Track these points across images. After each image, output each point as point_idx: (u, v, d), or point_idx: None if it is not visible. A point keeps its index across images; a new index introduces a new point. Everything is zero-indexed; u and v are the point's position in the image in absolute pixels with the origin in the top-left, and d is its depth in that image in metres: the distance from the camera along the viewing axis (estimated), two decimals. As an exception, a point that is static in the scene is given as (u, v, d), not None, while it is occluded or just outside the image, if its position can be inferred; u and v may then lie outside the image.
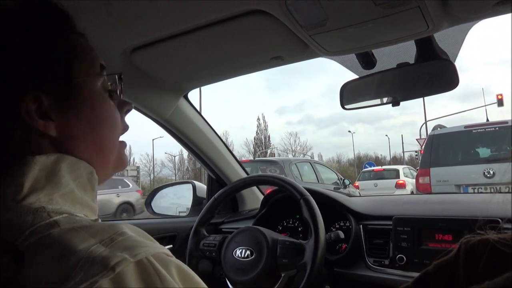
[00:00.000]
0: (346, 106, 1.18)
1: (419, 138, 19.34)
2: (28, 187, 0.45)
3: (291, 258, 1.12)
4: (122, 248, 0.39)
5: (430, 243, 1.14)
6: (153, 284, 0.38)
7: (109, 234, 0.41)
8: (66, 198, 0.48)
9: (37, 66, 0.48)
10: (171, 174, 39.99)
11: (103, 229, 0.42)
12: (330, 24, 0.87)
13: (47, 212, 0.43)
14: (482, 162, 5.64)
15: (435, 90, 1.09)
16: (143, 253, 0.39)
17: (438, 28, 0.90)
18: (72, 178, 0.49)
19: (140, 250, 0.40)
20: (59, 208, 0.45)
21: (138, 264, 0.38)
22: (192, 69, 1.23)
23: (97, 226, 0.42)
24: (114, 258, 0.37)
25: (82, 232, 0.41)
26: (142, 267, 0.39)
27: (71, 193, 0.48)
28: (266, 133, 40.54)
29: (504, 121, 5.89)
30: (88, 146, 0.52)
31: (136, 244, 0.41)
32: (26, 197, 0.44)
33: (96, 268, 0.36)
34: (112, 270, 0.36)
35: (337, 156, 51.80)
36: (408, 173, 14.54)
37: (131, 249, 0.39)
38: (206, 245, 1.29)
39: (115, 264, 0.37)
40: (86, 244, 0.39)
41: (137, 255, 0.39)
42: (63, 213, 0.44)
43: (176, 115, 1.45)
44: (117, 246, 0.39)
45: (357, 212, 1.35)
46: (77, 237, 0.40)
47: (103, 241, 0.40)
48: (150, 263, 0.39)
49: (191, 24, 0.93)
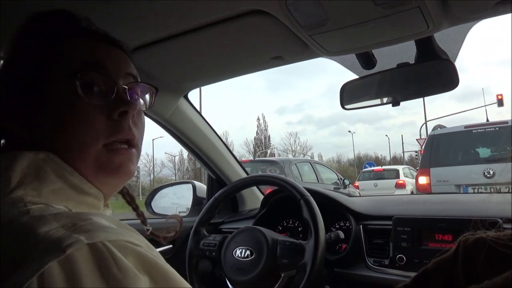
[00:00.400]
0: (346, 106, 1.17)
1: (419, 138, 19.34)
2: (15, 181, 0.46)
3: (291, 258, 1.12)
4: (81, 231, 0.38)
5: (430, 243, 1.14)
6: (108, 269, 0.36)
7: (74, 219, 0.40)
8: (58, 194, 0.48)
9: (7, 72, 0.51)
10: (171, 174, 40.01)
11: (69, 216, 0.41)
12: (330, 24, 0.87)
13: (24, 203, 0.44)
14: (482, 162, 5.64)
15: (435, 90, 1.09)
16: (101, 237, 0.38)
17: (438, 28, 0.90)
18: (60, 177, 0.49)
19: (99, 234, 0.38)
20: (39, 199, 0.45)
21: (92, 248, 0.37)
22: (192, 69, 1.23)
23: (66, 213, 0.43)
24: (67, 240, 0.36)
25: (48, 218, 0.41)
26: (96, 251, 0.37)
27: (63, 190, 0.49)
28: (266, 133, 40.57)
29: (504, 121, 5.89)
30: (59, 149, 0.51)
31: (97, 228, 0.39)
32: (13, 191, 0.45)
33: (47, 250, 0.36)
34: (63, 251, 0.35)
35: (337, 156, 51.87)
36: (408, 173, 14.54)
37: (89, 232, 0.38)
38: (206, 244, 1.29)
39: (67, 246, 0.36)
40: (47, 228, 0.39)
41: (93, 238, 0.37)
42: (40, 204, 0.44)
43: (176, 115, 1.45)
44: (77, 230, 0.38)
45: (357, 212, 1.35)
46: (41, 222, 0.40)
47: (65, 225, 0.39)
48: (105, 247, 0.37)
49: (191, 24, 0.93)
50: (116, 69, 0.56)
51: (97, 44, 0.57)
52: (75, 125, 0.51)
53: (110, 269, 0.36)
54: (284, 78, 73.52)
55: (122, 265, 0.37)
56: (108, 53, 0.57)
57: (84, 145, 0.51)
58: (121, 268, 0.37)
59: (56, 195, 0.48)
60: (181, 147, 1.88)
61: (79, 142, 0.51)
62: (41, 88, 0.52)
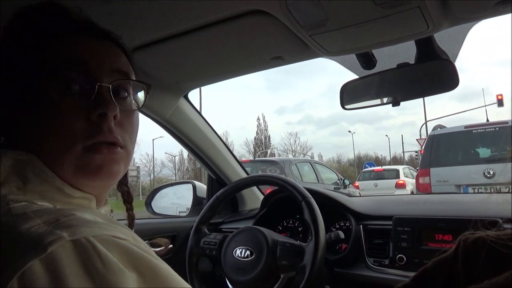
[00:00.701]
0: (346, 106, 1.17)
1: (419, 138, 19.33)
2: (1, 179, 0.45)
3: (290, 260, 1.12)
4: (63, 227, 0.37)
5: (430, 243, 1.14)
6: (92, 265, 0.35)
7: (56, 215, 0.39)
8: (43, 195, 0.47)
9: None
10: (171, 174, 39.99)
11: (52, 211, 0.40)
12: (330, 24, 0.87)
13: (7, 201, 0.43)
14: (482, 162, 5.64)
15: (435, 90, 1.09)
16: (84, 233, 0.36)
17: (438, 28, 0.90)
18: (42, 180, 0.48)
19: (82, 230, 0.37)
20: (22, 197, 0.44)
21: (75, 244, 0.35)
22: (192, 69, 1.23)
23: (48, 209, 0.42)
24: (49, 237, 0.35)
25: (30, 215, 0.40)
26: (79, 247, 0.35)
27: (48, 192, 0.48)
28: (266, 133, 40.56)
29: (504, 121, 5.90)
30: (41, 150, 0.50)
31: (81, 224, 0.38)
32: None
33: (29, 248, 0.35)
34: (44, 249, 0.34)
35: (337, 156, 51.87)
36: (408, 173, 14.53)
37: (72, 227, 0.37)
38: (207, 243, 1.29)
39: (48, 243, 0.34)
40: (29, 225, 0.37)
41: (76, 234, 0.36)
42: (23, 201, 0.43)
43: (177, 115, 1.45)
44: (59, 225, 0.37)
45: (357, 212, 1.35)
46: (23, 220, 0.39)
47: (47, 222, 0.38)
48: (90, 243, 0.36)
49: (191, 24, 0.93)
50: (100, 66, 0.53)
51: (82, 39, 0.54)
52: (54, 126, 0.49)
53: (94, 265, 0.35)
54: (283, 78, 73.64)
55: (106, 261, 0.35)
56: (92, 48, 0.54)
57: (63, 147, 0.49)
58: (106, 263, 0.35)
59: (41, 196, 0.47)
60: (181, 147, 1.88)
61: (58, 144, 0.49)
62: (26, 87, 0.51)
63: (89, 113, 0.50)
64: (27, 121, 0.51)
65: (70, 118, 0.49)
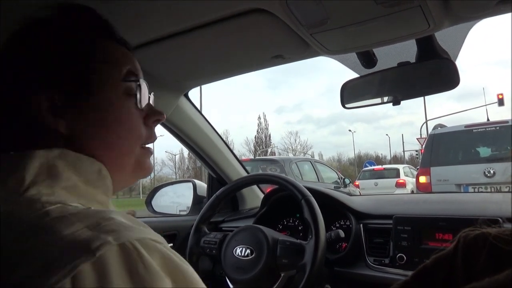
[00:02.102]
0: (346, 105, 1.17)
1: (420, 138, 19.32)
2: (29, 180, 0.45)
3: (291, 258, 1.12)
4: (107, 231, 0.39)
5: (431, 242, 1.14)
6: (135, 270, 0.37)
7: (96, 219, 0.41)
8: (70, 191, 0.48)
9: (52, 65, 0.51)
10: (172, 173, 40.05)
11: (90, 215, 0.42)
12: (331, 23, 0.87)
13: (41, 203, 0.43)
14: (483, 162, 5.63)
15: (436, 89, 1.09)
16: (128, 237, 0.39)
17: (439, 27, 0.90)
18: (75, 174, 0.49)
19: (124, 233, 0.39)
20: (55, 199, 0.45)
21: (121, 248, 0.38)
22: (192, 67, 1.23)
23: (85, 211, 0.43)
24: (96, 241, 0.37)
25: (70, 218, 0.41)
26: (125, 251, 0.38)
27: (75, 187, 0.49)
28: (266, 132, 40.58)
29: (504, 120, 5.88)
30: (100, 147, 0.53)
31: (122, 227, 0.40)
32: (27, 190, 0.45)
33: (77, 252, 0.36)
34: (93, 253, 0.36)
35: (337, 155, 51.91)
36: (408, 172, 14.53)
37: (115, 232, 0.39)
38: (207, 242, 1.29)
39: (96, 248, 0.36)
40: (72, 229, 0.39)
41: (120, 238, 0.38)
42: (58, 203, 0.44)
43: (177, 113, 1.45)
44: (102, 229, 0.39)
45: (357, 211, 1.35)
46: (64, 223, 0.40)
47: (89, 225, 0.39)
48: (133, 247, 0.38)
49: (192, 22, 0.93)
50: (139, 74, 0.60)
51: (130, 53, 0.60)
52: (120, 126, 0.55)
53: (137, 269, 0.37)
54: (283, 77, 73.73)
55: (148, 265, 0.38)
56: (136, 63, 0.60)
57: (128, 148, 0.56)
58: (148, 268, 0.38)
59: (68, 193, 0.48)
60: (181, 146, 1.88)
61: (123, 143, 0.55)
62: (86, 85, 0.53)
63: (146, 119, 0.59)
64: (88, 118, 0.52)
65: (136, 122, 0.57)
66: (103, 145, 0.53)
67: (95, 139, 0.53)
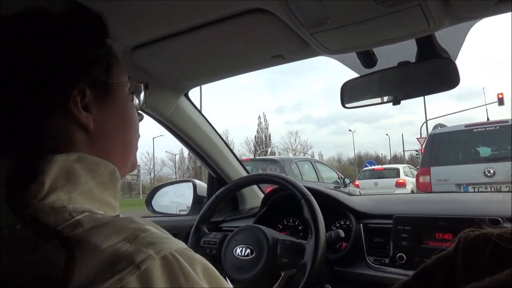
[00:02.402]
0: (346, 105, 1.17)
1: (420, 137, 19.32)
2: (48, 186, 0.45)
3: (291, 257, 1.12)
4: (146, 244, 0.40)
5: (431, 242, 1.14)
6: (177, 281, 0.39)
7: (133, 231, 0.42)
8: (85, 196, 0.48)
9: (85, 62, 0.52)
10: (172, 172, 40.06)
11: (126, 226, 0.43)
12: (331, 22, 0.87)
13: (68, 212, 0.44)
14: (483, 161, 5.63)
15: (436, 89, 1.09)
16: (167, 249, 0.40)
17: (439, 26, 0.90)
18: (92, 177, 0.50)
19: (163, 246, 0.40)
20: (79, 207, 0.46)
21: (163, 260, 0.39)
22: (193, 67, 1.23)
23: (120, 222, 0.43)
24: (139, 255, 0.38)
25: (105, 229, 0.42)
26: (167, 263, 0.39)
27: (90, 192, 0.49)
28: (266, 132, 40.58)
29: (504, 120, 5.88)
30: (118, 143, 0.56)
31: (159, 240, 0.41)
32: (47, 196, 0.45)
33: (122, 265, 0.37)
34: (138, 267, 0.37)
35: (337, 155, 51.86)
36: (408, 172, 14.54)
37: (155, 245, 0.40)
38: (207, 242, 1.29)
39: (141, 262, 0.38)
40: (111, 242, 0.40)
41: (161, 251, 0.40)
42: (84, 211, 0.45)
43: (177, 113, 1.45)
44: (141, 242, 0.40)
45: (357, 211, 1.35)
46: (101, 236, 0.41)
47: (127, 238, 0.40)
48: (175, 258, 0.40)
49: (192, 22, 0.93)
50: None
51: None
52: (132, 124, 0.59)
53: (178, 281, 0.39)
54: (282, 77, 73.71)
55: (189, 276, 0.40)
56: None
57: (135, 143, 0.60)
58: (188, 279, 0.40)
59: (83, 197, 0.48)
60: (181, 146, 1.88)
61: (133, 140, 0.60)
62: (108, 80, 0.54)
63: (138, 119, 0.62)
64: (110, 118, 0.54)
65: (138, 121, 0.61)
66: (121, 141, 0.56)
67: (115, 135, 0.55)
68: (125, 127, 0.57)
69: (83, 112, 0.50)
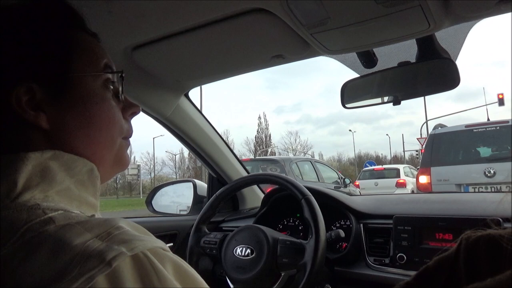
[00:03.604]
0: (347, 105, 1.17)
1: (420, 137, 19.32)
2: (22, 184, 0.44)
3: (291, 257, 1.12)
4: (119, 242, 0.38)
5: (431, 242, 1.14)
6: (149, 280, 0.37)
7: (106, 228, 0.40)
8: (62, 195, 0.47)
9: (31, 58, 0.48)
10: (172, 172, 40.09)
11: (99, 224, 0.41)
12: (332, 22, 0.87)
13: (42, 209, 0.42)
14: (483, 162, 5.63)
15: (436, 89, 1.09)
16: (140, 247, 0.38)
17: (440, 26, 0.90)
18: (69, 175, 0.48)
19: (137, 244, 0.39)
20: (54, 205, 0.44)
21: (134, 259, 0.37)
22: (193, 67, 1.23)
23: (92, 221, 0.42)
24: (110, 252, 0.37)
25: (77, 227, 0.40)
26: (138, 262, 0.38)
27: (67, 190, 0.48)
28: (267, 132, 40.58)
29: (505, 120, 5.88)
30: (83, 142, 0.52)
31: (133, 237, 0.40)
32: (20, 195, 0.43)
33: (92, 263, 0.36)
34: (109, 264, 0.36)
35: (337, 155, 51.94)
36: (408, 172, 14.54)
37: (127, 242, 0.38)
38: (207, 242, 1.29)
39: (112, 258, 0.36)
40: (82, 239, 0.38)
41: (133, 248, 0.38)
42: (59, 209, 0.43)
43: (177, 113, 1.45)
44: (113, 240, 0.39)
45: (357, 211, 1.35)
46: (73, 233, 0.39)
47: (100, 236, 0.39)
48: (146, 257, 0.38)
49: (192, 22, 0.93)
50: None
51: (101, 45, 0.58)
52: (101, 118, 0.53)
53: (151, 281, 0.37)
54: (282, 77, 73.87)
55: (161, 276, 0.38)
56: (109, 57, 0.58)
57: (110, 138, 0.55)
58: (161, 280, 0.38)
59: (60, 196, 0.47)
60: (181, 146, 1.89)
61: (106, 135, 0.54)
62: (66, 76, 0.51)
63: (124, 112, 0.58)
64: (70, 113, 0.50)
65: (117, 114, 0.56)
66: (86, 138, 0.52)
67: (77, 133, 0.51)
68: (91, 123, 0.52)
69: (30, 112, 0.47)
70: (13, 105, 0.47)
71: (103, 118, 0.54)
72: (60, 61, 0.50)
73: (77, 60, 0.52)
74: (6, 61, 0.47)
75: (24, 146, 0.47)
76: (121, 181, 39.64)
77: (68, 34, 0.52)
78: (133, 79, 1.21)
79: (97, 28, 0.58)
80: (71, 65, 0.51)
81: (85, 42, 0.54)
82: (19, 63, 0.48)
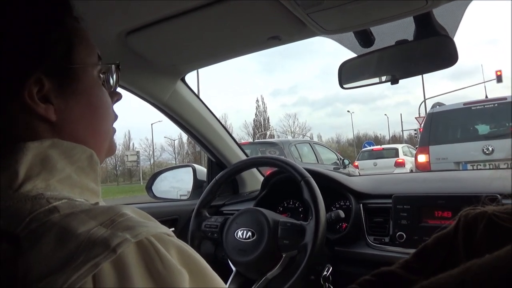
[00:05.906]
0: (344, 85, 1.17)
1: (418, 116, 19.30)
2: (23, 174, 0.44)
3: (292, 239, 1.13)
4: (123, 229, 0.39)
5: (430, 220, 1.15)
6: (154, 266, 0.37)
7: (109, 216, 0.40)
8: (64, 183, 0.47)
9: (39, 48, 0.47)
10: (171, 158, 40.19)
11: (102, 212, 0.41)
12: (328, 1, 0.86)
13: (46, 199, 0.42)
14: (481, 139, 5.63)
15: (434, 67, 1.08)
16: (144, 233, 0.39)
17: (437, 3, 0.89)
18: (69, 163, 0.48)
19: (141, 230, 0.39)
20: (58, 194, 0.44)
21: (138, 245, 0.38)
22: (188, 51, 1.21)
23: (96, 209, 0.42)
24: (115, 239, 0.37)
25: (81, 215, 0.40)
26: (143, 248, 0.38)
27: (69, 178, 0.48)
28: (265, 115, 40.51)
29: (503, 97, 5.86)
30: (86, 131, 0.52)
31: (136, 224, 0.40)
32: (22, 185, 0.43)
33: (97, 250, 0.36)
34: (114, 251, 0.36)
35: (336, 137, 52.02)
36: (407, 151, 14.59)
37: (131, 229, 0.39)
38: (208, 226, 1.30)
39: (116, 245, 0.36)
40: (87, 227, 0.38)
41: (138, 235, 0.38)
42: (62, 198, 0.43)
43: (174, 98, 1.45)
44: (117, 227, 0.39)
45: (357, 191, 1.36)
46: (77, 221, 0.39)
47: (104, 223, 0.39)
48: (151, 243, 0.38)
49: (187, 5, 0.92)
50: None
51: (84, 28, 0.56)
52: (101, 108, 0.55)
53: (155, 266, 0.37)
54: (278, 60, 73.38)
55: (166, 262, 0.38)
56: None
57: (108, 129, 0.57)
58: (166, 264, 0.38)
59: (61, 184, 0.47)
60: (180, 131, 1.88)
61: (105, 124, 0.56)
62: (71, 66, 0.50)
63: (112, 100, 0.59)
64: (75, 104, 0.51)
65: (110, 103, 0.58)
66: (90, 128, 0.53)
67: (82, 123, 0.52)
68: (93, 113, 0.53)
69: (41, 104, 0.47)
70: (25, 98, 0.46)
71: (103, 107, 0.55)
72: (64, 51, 0.50)
73: (78, 51, 0.52)
74: (14, 54, 0.46)
75: (29, 138, 0.47)
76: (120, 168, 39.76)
77: (66, 24, 0.51)
78: (128, 64, 1.19)
79: (90, 13, 0.57)
80: (74, 55, 0.51)
81: (81, 31, 0.54)
82: (26, 54, 0.47)
